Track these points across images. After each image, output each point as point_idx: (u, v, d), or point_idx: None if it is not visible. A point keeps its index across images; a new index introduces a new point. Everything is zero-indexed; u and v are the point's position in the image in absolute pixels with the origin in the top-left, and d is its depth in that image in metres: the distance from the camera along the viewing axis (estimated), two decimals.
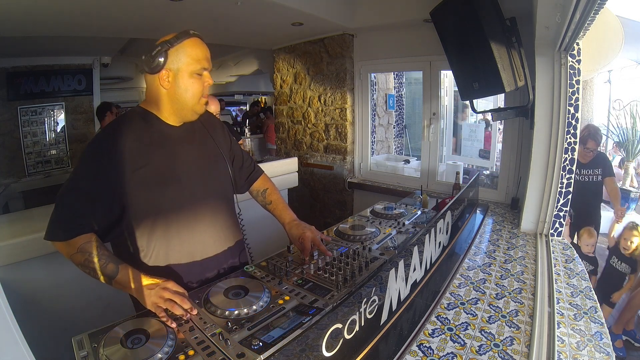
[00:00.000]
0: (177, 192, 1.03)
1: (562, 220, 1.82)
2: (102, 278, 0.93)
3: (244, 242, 1.29)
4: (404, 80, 4.97)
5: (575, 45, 1.62)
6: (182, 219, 1.03)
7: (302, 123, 3.76)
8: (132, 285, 0.91)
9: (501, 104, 3.17)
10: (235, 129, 5.11)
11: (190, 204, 1.05)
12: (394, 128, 4.59)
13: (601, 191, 2.99)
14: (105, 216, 0.97)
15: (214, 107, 2.34)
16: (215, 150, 1.17)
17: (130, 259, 0.99)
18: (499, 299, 1.24)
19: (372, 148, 3.72)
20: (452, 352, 0.96)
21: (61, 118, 4.26)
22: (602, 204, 3.16)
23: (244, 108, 10.21)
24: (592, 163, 2.92)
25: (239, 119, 9.18)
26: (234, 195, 1.25)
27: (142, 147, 0.98)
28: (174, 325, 0.85)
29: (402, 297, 1.00)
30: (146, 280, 0.91)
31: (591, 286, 1.36)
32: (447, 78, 3.73)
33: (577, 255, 1.66)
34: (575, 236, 2.99)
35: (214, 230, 1.12)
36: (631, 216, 3.37)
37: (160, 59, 0.96)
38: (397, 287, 0.96)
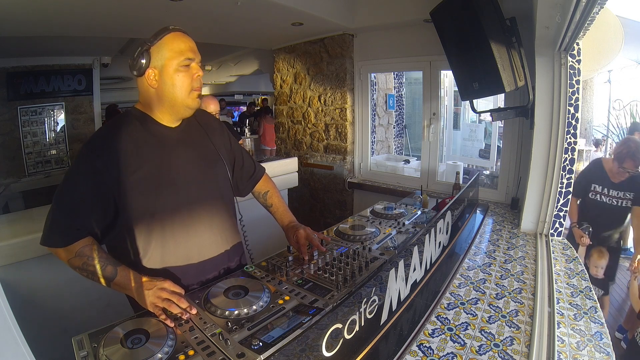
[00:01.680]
0: (173, 195, 1.01)
1: (562, 220, 1.82)
2: (101, 280, 0.93)
3: (243, 245, 1.28)
4: (404, 80, 4.98)
5: (575, 45, 1.62)
6: (177, 222, 1.02)
7: (302, 123, 3.76)
8: (131, 286, 0.91)
9: (501, 104, 3.17)
10: (235, 129, 5.10)
11: (186, 207, 1.04)
12: (394, 128, 4.59)
13: (624, 219, 2.46)
14: (101, 219, 0.96)
15: (213, 107, 2.34)
16: (213, 152, 1.15)
17: (127, 261, 0.99)
18: (499, 299, 1.24)
19: (372, 148, 3.72)
20: (452, 352, 0.96)
21: (61, 118, 4.26)
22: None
23: (244, 108, 10.22)
24: (625, 184, 2.37)
25: (234, 119, 9.11)
26: (234, 197, 1.24)
27: (137, 149, 0.97)
28: (171, 324, 0.85)
29: (402, 297, 1.00)
30: (144, 281, 0.91)
31: (591, 286, 1.36)
32: (447, 78, 3.73)
33: (577, 255, 1.66)
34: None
35: (211, 234, 1.10)
36: None
37: (142, 60, 0.95)
38: (397, 287, 0.96)
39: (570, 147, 1.74)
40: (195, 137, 1.12)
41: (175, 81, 0.97)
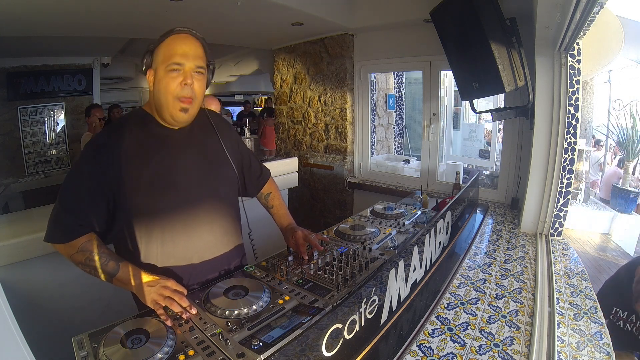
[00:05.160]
0: (173, 197, 1.01)
1: (562, 220, 1.82)
2: (102, 276, 0.93)
3: (244, 247, 1.27)
4: (404, 80, 4.98)
5: (575, 45, 1.62)
6: (177, 224, 1.02)
7: (302, 123, 3.76)
8: (133, 283, 0.92)
9: (501, 104, 3.17)
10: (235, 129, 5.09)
11: (186, 209, 1.03)
12: (394, 128, 4.59)
13: None
14: (103, 217, 0.97)
15: (214, 107, 2.34)
16: (221, 153, 1.14)
17: (127, 259, 0.99)
18: (499, 299, 1.24)
19: (372, 148, 3.72)
20: (452, 352, 0.96)
21: (61, 118, 4.27)
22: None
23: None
24: None
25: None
26: (239, 200, 1.23)
27: (139, 150, 0.98)
28: (169, 322, 0.85)
29: (402, 297, 1.00)
30: (146, 278, 0.92)
31: (591, 286, 1.36)
32: (447, 78, 3.73)
33: (577, 255, 1.66)
34: None
35: (212, 236, 1.10)
36: (631, 217, 3.34)
37: (146, 60, 0.98)
38: (397, 287, 0.96)
39: (570, 147, 1.74)
40: (202, 138, 1.11)
41: (161, 86, 0.96)
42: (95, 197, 0.94)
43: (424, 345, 0.99)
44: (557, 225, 1.83)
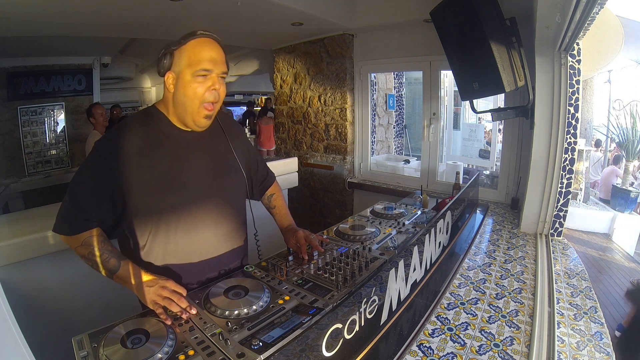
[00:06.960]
0: (181, 198, 1.01)
1: (562, 220, 1.82)
2: (103, 272, 0.94)
3: (247, 248, 1.27)
4: (404, 80, 4.98)
5: (575, 45, 1.62)
6: (182, 224, 1.02)
7: (302, 123, 3.76)
8: (132, 282, 0.92)
9: (501, 104, 3.17)
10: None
11: (192, 210, 1.04)
12: (394, 128, 4.60)
13: None
14: (110, 213, 0.98)
15: None
16: (231, 157, 1.14)
17: (130, 255, 1.00)
18: (499, 299, 1.24)
19: (372, 148, 3.72)
20: (452, 352, 0.96)
21: (61, 118, 4.27)
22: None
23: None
24: None
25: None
26: (246, 203, 1.23)
27: (150, 149, 0.98)
28: (169, 322, 0.85)
29: (402, 297, 1.00)
30: (146, 277, 0.92)
31: (591, 286, 1.36)
32: (447, 78, 3.73)
33: (577, 255, 1.66)
34: None
35: (215, 237, 1.10)
36: (631, 217, 3.34)
37: (164, 61, 0.96)
38: (397, 287, 0.96)
39: (570, 147, 1.74)
40: (213, 141, 1.11)
41: (188, 91, 0.95)
42: (103, 194, 0.95)
43: (424, 345, 0.99)
44: (557, 225, 1.83)
